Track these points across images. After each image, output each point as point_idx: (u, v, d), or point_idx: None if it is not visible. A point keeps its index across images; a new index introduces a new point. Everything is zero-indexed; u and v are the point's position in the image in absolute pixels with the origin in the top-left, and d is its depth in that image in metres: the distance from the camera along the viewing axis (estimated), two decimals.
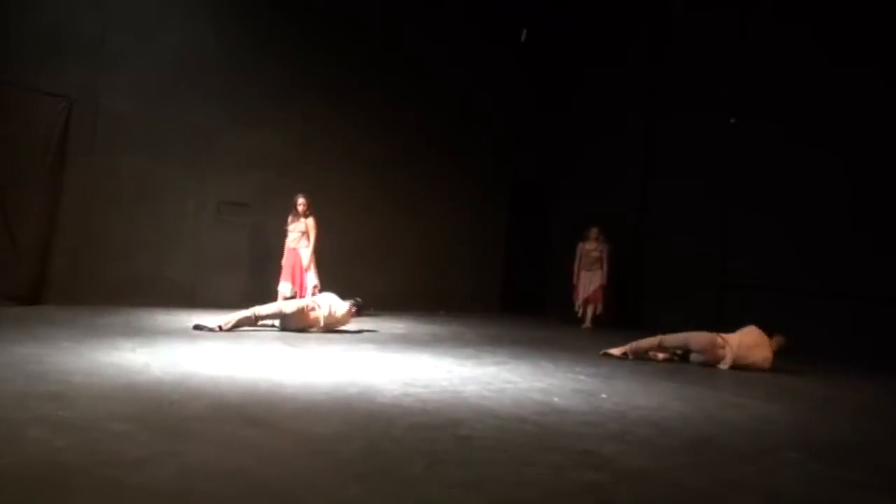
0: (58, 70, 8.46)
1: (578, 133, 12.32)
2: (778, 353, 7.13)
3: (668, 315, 7.94)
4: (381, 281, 10.70)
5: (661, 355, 7.33)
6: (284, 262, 8.78)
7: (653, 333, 7.55)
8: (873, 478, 3.95)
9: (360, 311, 8.16)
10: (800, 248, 9.31)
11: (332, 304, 7.69)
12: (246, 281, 9.26)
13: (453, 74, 11.42)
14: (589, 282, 10.50)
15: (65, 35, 8.53)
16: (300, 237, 8.71)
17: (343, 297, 7.92)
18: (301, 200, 8.71)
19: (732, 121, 10.01)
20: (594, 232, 10.54)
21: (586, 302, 10.51)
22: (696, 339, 7.25)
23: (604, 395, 5.51)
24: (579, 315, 10.57)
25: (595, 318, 10.44)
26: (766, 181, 9.72)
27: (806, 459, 4.18)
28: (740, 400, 5.78)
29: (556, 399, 5.24)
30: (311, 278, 8.74)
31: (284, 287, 8.72)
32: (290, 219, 8.78)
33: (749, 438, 4.59)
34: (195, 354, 5.97)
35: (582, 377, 6.23)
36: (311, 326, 7.60)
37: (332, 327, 7.69)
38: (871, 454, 4.49)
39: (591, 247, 10.56)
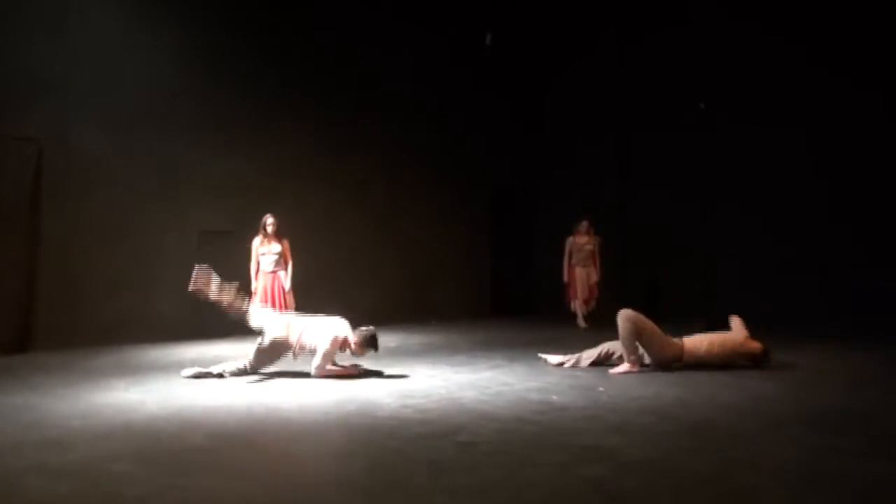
0: (24, 114, 8.38)
1: (552, 133, 12.43)
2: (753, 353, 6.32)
3: (660, 306, 8.05)
4: (369, 297, 10.67)
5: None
6: (260, 287, 8.18)
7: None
8: (871, 445, 4.01)
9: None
10: (780, 227, 9.48)
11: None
12: None
13: (421, 87, 11.43)
14: (584, 279, 9.86)
15: (29, 78, 8.46)
16: (278, 260, 8.24)
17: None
18: (270, 221, 8.22)
19: (701, 105, 10.18)
20: (584, 225, 9.90)
21: (586, 301, 9.83)
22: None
23: (601, 389, 5.55)
24: (580, 313, 9.84)
25: (589, 314, 9.81)
26: (742, 165, 9.91)
27: (806, 433, 4.24)
28: (736, 381, 5.84)
29: (554, 397, 5.27)
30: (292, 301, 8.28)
31: None
32: (260, 240, 8.23)
33: (749, 418, 4.64)
34: (189, 387, 5.94)
35: (578, 373, 6.27)
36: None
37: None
38: (866, 422, 4.55)
39: (583, 240, 9.88)
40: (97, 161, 8.86)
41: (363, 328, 6.30)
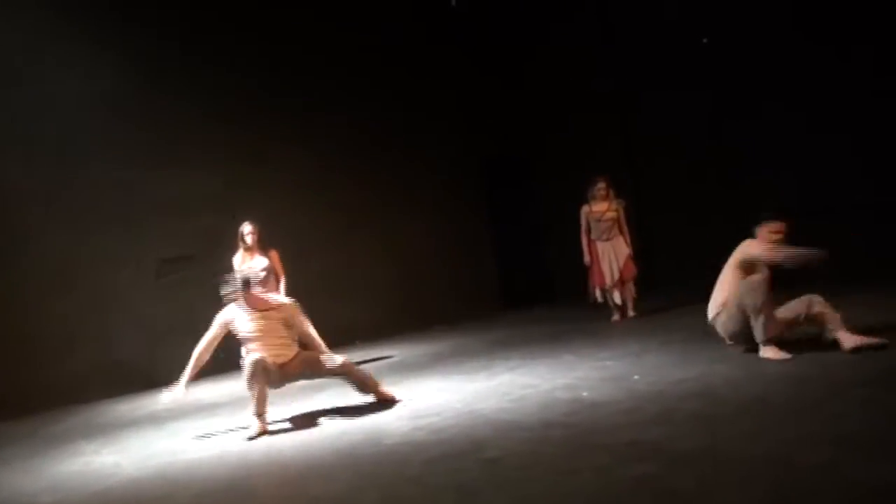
0: None
1: (537, 90, 12.33)
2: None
3: (681, 273, 8.06)
4: (362, 308, 10.65)
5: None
6: None
7: (672, 298, 7.21)
8: None
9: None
10: (794, 171, 9.61)
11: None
12: None
13: (393, 73, 11.35)
14: (612, 255, 8.63)
15: None
16: (266, 277, 7.72)
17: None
18: (249, 230, 7.91)
19: (704, 41, 10.23)
20: (601, 188, 8.65)
21: (619, 283, 8.64)
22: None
23: (636, 377, 5.52)
24: (608, 302, 8.71)
25: (635, 302, 8.70)
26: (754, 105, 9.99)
27: (876, 394, 4.19)
28: (785, 347, 5.78)
29: (584, 393, 5.24)
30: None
31: None
32: (242, 256, 7.94)
33: (807, 386, 4.59)
34: (168, 440, 5.92)
35: (608, 363, 6.23)
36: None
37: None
38: None
39: (601, 208, 8.65)
40: (30, 200, 8.80)
41: None
